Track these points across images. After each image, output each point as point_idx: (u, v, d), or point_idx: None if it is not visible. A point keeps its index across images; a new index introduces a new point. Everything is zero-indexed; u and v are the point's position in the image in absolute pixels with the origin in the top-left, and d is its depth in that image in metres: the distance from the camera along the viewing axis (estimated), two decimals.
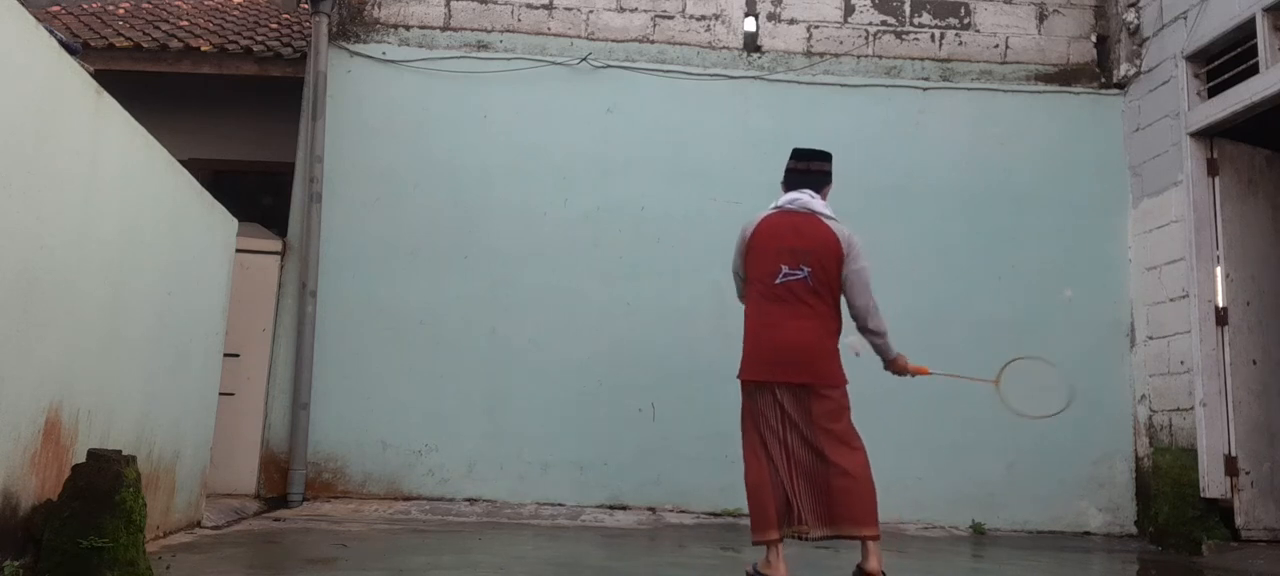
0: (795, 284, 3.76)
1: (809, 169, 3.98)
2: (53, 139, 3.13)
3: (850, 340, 3.89)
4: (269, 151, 7.46)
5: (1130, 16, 6.74)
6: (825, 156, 4.03)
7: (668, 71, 6.83)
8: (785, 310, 3.76)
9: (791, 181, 3.98)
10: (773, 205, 3.96)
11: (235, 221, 5.34)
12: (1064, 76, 7.02)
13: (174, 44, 7.12)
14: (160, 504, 4.21)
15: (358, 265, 6.45)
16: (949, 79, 6.97)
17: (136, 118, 3.82)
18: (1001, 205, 6.74)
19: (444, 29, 6.88)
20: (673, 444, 6.32)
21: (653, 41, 6.94)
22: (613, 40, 6.91)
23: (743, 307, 3.96)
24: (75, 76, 3.33)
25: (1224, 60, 5.88)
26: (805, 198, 3.89)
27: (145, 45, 7.06)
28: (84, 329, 3.42)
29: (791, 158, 4.03)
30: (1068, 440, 6.40)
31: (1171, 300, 6.15)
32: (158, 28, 7.55)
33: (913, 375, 3.95)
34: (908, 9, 7.08)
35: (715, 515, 6.20)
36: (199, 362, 4.77)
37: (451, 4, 6.92)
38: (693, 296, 6.47)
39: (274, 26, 7.94)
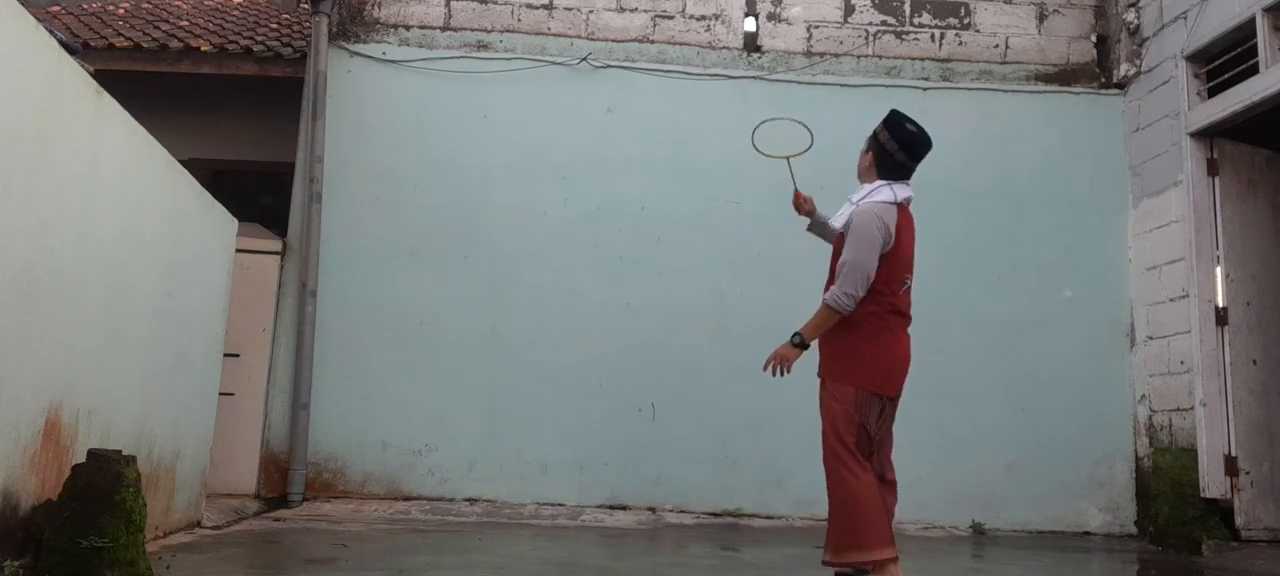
0: (907, 295, 3.55)
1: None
2: (53, 139, 3.13)
3: None
4: (269, 151, 7.46)
5: (1130, 16, 6.74)
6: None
7: (668, 71, 6.83)
8: (903, 323, 3.51)
9: (903, 171, 3.57)
10: (891, 193, 3.49)
11: (235, 221, 5.34)
12: (1064, 76, 7.02)
13: (174, 44, 7.11)
14: (160, 504, 4.21)
15: (358, 265, 6.45)
16: (949, 79, 6.97)
17: (136, 118, 3.82)
18: (1001, 205, 6.74)
19: (444, 29, 6.88)
20: (673, 444, 6.32)
21: (653, 41, 6.94)
22: (613, 40, 6.91)
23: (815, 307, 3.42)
24: (75, 76, 3.33)
25: (1224, 60, 5.87)
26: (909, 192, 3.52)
27: (145, 45, 7.06)
28: (84, 329, 3.42)
29: (907, 149, 3.53)
30: (1068, 440, 6.41)
31: (1171, 300, 6.15)
32: (158, 28, 7.55)
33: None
34: (908, 9, 7.08)
35: (715, 515, 6.20)
36: (199, 362, 4.77)
37: (451, 4, 6.92)
38: (693, 296, 6.48)
39: (274, 26, 7.94)
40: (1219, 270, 5.91)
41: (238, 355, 6.01)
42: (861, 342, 3.39)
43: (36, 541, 2.96)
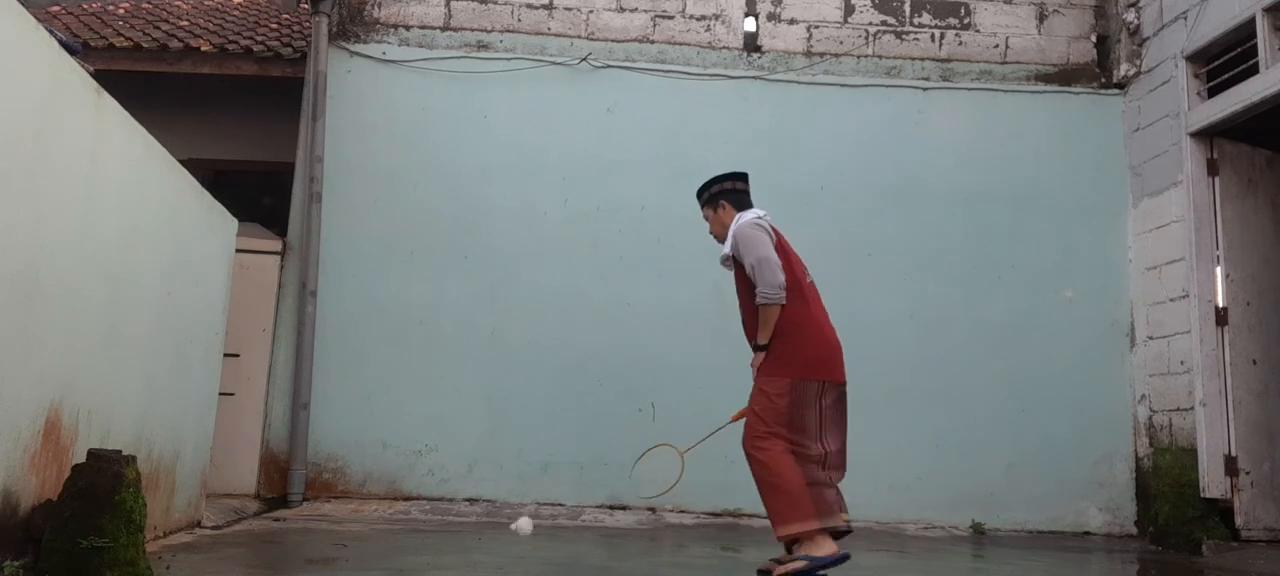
0: (814, 288, 3.92)
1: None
2: (53, 139, 3.13)
3: None
4: (269, 151, 7.46)
5: (1130, 16, 6.74)
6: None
7: (668, 71, 6.83)
8: (823, 312, 3.88)
9: (747, 198, 4.08)
10: (756, 212, 3.98)
11: (235, 221, 5.33)
12: (1064, 76, 7.02)
13: (174, 44, 7.11)
14: (160, 504, 4.21)
15: (358, 265, 6.45)
16: (949, 79, 6.97)
17: (136, 118, 3.82)
18: (1001, 205, 6.74)
19: (444, 29, 6.88)
20: (673, 444, 6.30)
21: (653, 41, 6.93)
22: (613, 40, 6.91)
23: (775, 304, 3.74)
24: (75, 76, 3.33)
25: (1224, 60, 5.87)
26: None
27: (145, 45, 7.06)
28: (84, 329, 3.42)
29: (741, 179, 4.13)
30: (1068, 440, 6.41)
31: (1171, 300, 6.15)
32: (158, 28, 7.55)
33: None
34: (908, 9, 7.08)
35: (715, 515, 6.20)
36: (199, 362, 4.77)
37: (451, 4, 6.92)
38: (693, 296, 6.47)
39: (274, 26, 7.94)
40: (1219, 270, 5.91)
41: (238, 355, 6.01)
42: (801, 337, 3.74)
43: (36, 541, 2.95)
